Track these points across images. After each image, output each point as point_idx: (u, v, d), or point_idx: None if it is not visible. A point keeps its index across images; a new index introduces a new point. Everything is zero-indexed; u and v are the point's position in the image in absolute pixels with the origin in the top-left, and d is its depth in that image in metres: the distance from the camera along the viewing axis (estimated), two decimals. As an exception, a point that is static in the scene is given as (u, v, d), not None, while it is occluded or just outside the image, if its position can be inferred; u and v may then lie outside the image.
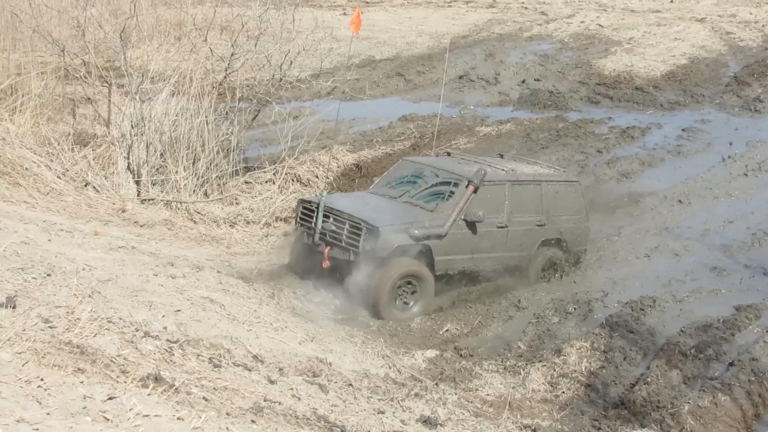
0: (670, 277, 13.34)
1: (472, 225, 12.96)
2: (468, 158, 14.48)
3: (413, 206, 13.11)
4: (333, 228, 12.47)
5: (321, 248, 12.58)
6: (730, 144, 18.36)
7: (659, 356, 11.09)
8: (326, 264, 12.47)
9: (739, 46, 24.23)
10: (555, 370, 11.04)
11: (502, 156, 15.41)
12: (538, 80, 23.03)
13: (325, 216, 12.61)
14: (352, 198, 14.09)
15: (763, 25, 25.77)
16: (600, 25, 27.21)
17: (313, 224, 12.74)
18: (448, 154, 15.39)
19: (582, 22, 27.78)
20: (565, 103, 21.40)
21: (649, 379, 10.47)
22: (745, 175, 16.82)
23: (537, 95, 21.98)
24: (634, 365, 11.04)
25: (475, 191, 12.99)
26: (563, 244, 14.31)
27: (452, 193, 13.16)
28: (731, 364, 10.72)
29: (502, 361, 11.37)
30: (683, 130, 19.18)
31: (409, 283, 12.40)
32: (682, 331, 11.64)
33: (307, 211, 13.03)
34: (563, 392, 10.64)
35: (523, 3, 31.28)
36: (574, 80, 22.91)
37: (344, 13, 30.01)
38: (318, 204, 12.72)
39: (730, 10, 27.57)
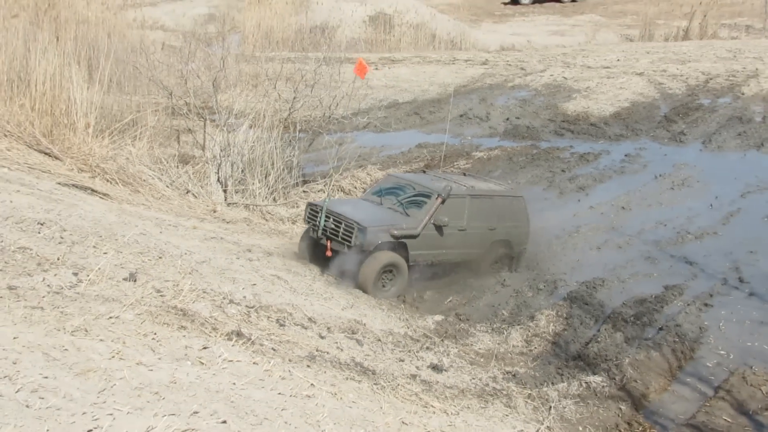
0: (615, 264, 13.29)
1: (439, 228, 12.88)
2: (439, 176, 14.32)
3: (395, 212, 13.02)
4: (333, 226, 12.38)
5: (323, 241, 12.50)
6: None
7: (607, 322, 11.08)
8: (329, 253, 12.41)
9: (668, 93, 24.04)
10: (529, 331, 11.05)
11: (465, 174, 15.30)
12: (518, 118, 22.91)
13: (326, 217, 12.50)
14: (348, 203, 13.97)
15: (686, 78, 25.57)
16: (564, 78, 27.05)
17: (317, 223, 12.64)
18: (424, 171, 15.40)
19: (551, 75, 27.61)
20: (538, 135, 21.31)
21: (599, 339, 10.47)
22: (672, 189, 16.71)
23: (517, 129, 21.89)
24: (588, 328, 11.03)
25: (442, 202, 12.95)
26: (509, 244, 14.12)
27: (425, 202, 13.07)
28: (660, 329, 10.70)
29: (490, 324, 11.37)
30: (626, 155, 19.03)
31: (390, 271, 12.29)
32: (624, 303, 11.63)
33: (312, 212, 12.91)
34: (535, 348, 10.64)
35: (507, 61, 31.12)
36: (545, 118, 22.78)
37: (376, 68, 29.97)
38: (321, 207, 12.64)
39: (662, 66, 27.32)
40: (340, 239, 12.31)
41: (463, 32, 39.03)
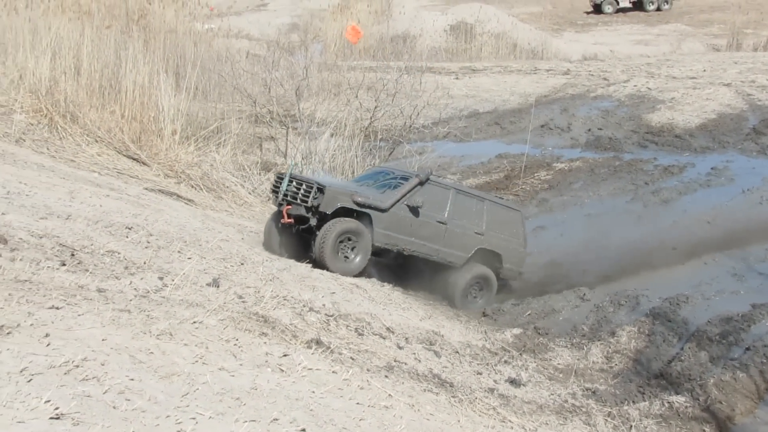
0: (700, 280, 12.91)
1: (414, 210, 11.96)
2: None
3: (367, 188, 12.25)
4: (293, 190, 11.44)
5: (282, 208, 11.53)
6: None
7: (691, 340, 10.76)
8: (284, 219, 11.39)
9: (757, 104, 23.38)
10: (610, 348, 10.82)
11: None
12: (600, 129, 22.59)
13: (289, 182, 11.57)
14: (321, 175, 13.26)
15: (776, 89, 24.92)
16: (648, 88, 26.56)
17: (281, 189, 11.66)
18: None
19: (635, 85, 27.15)
20: (621, 147, 20.97)
21: (682, 358, 10.17)
22: (760, 204, 16.22)
23: (599, 140, 21.57)
24: (671, 346, 10.73)
25: (420, 184, 12.08)
26: (499, 258, 13.17)
27: (401, 184, 12.20)
28: (747, 349, 10.34)
29: (570, 339, 11.19)
30: (712, 168, 18.56)
31: (349, 239, 11.26)
32: (709, 321, 11.26)
33: (278, 180, 12.01)
34: (616, 364, 10.42)
35: (590, 71, 30.73)
36: (628, 129, 22.40)
37: (456, 78, 29.94)
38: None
39: (750, 77, 26.59)
40: (298, 201, 11.35)
41: (544, 41, 38.72)
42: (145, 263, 7.73)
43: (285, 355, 6.20)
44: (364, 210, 11.52)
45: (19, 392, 4.06)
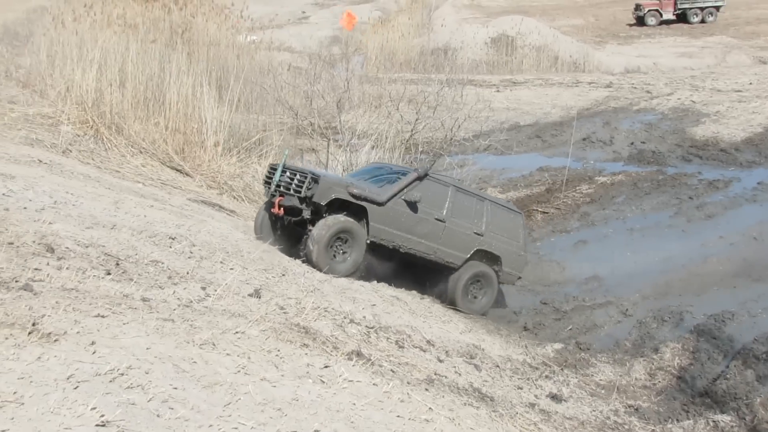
0: (746, 297, 12.66)
1: (412, 206, 11.53)
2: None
3: (364, 182, 11.83)
4: (287, 180, 11.05)
5: (274, 199, 11.18)
6: None
7: (737, 358, 10.58)
8: (275, 210, 11.04)
9: (806, 118, 23.05)
10: (653, 364, 10.71)
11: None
12: (643, 143, 22.37)
13: (283, 172, 11.21)
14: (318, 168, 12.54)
15: (826, 102, 24.51)
16: (693, 101, 26.27)
17: (273, 180, 11.31)
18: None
19: (678, 99, 26.87)
20: (665, 161, 20.74)
21: (728, 376, 10.00)
22: (808, 220, 15.97)
23: (642, 154, 21.38)
24: (716, 364, 10.56)
25: (418, 179, 11.71)
26: (498, 261, 12.78)
27: (400, 179, 11.83)
28: (795, 367, 10.19)
29: (612, 355, 11.10)
30: (758, 183, 18.27)
31: (344, 240, 10.84)
32: (755, 339, 11.05)
33: (271, 171, 11.61)
34: (659, 382, 10.30)
35: (632, 84, 30.46)
36: (671, 143, 22.16)
37: (497, 90, 29.88)
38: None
39: (799, 90, 26.25)
40: (291, 192, 10.97)
41: (586, 54, 38.48)
42: (188, 273, 7.80)
43: (326, 367, 6.21)
44: (359, 202, 11.10)
45: (66, 399, 4.12)
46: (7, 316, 4.93)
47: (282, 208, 11.04)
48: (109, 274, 6.79)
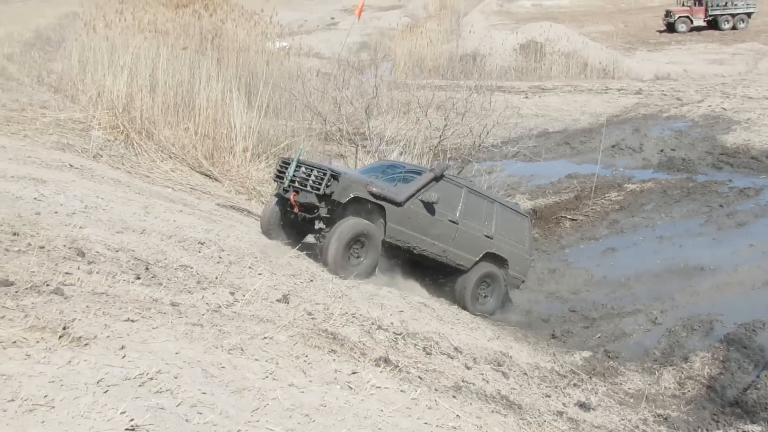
0: (778, 305, 12.58)
1: (429, 207, 11.22)
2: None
3: (380, 179, 11.41)
4: (303, 175, 10.58)
5: (289, 194, 10.72)
6: None
7: (767, 368, 10.49)
8: (295, 208, 10.68)
9: (838, 126, 22.82)
10: (683, 373, 10.59)
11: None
12: (673, 150, 22.23)
13: (297, 167, 10.74)
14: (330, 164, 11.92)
15: None
16: (723, 109, 26.07)
17: (286, 175, 10.82)
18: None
19: (709, 106, 26.67)
20: (695, 168, 20.59)
21: (759, 385, 9.87)
22: (840, 228, 15.78)
23: (672, 161, 21.24)
24: (746, 373, 10.43)
25: (435, 179, 11.38)
26: (505, 264, 12.63)
27: (413, 178, 11.54)
28: (828, 378, 10.04)
29: (641, 363, 11.00)
30: (790, 191, 18.17)
31: (361, 243, 10.44)
32: (787, 348, 10.98)
33: (283, 165, 11.15)
34: (689, 391, 10.19)
35: (662, 91, 30.30)
36: (702, 150, 22.00)
37: (526, 97, 29.79)
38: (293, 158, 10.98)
39: (832, 98, 26.02)
40: (308, 188, 10.52)
41: (616, 60, 38.30)
42: (216, 278, 7.84)
43: (354, 373, 6.20)
44: (378, 202, 10.75)
45: (96, 403, 4.14)
46: (38, 319, 4.97)
47: (298, 205, 10.66)
48: (138, 278, 6.83)
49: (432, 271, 12.31)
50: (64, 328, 4.94)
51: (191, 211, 11.10)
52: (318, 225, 10.76)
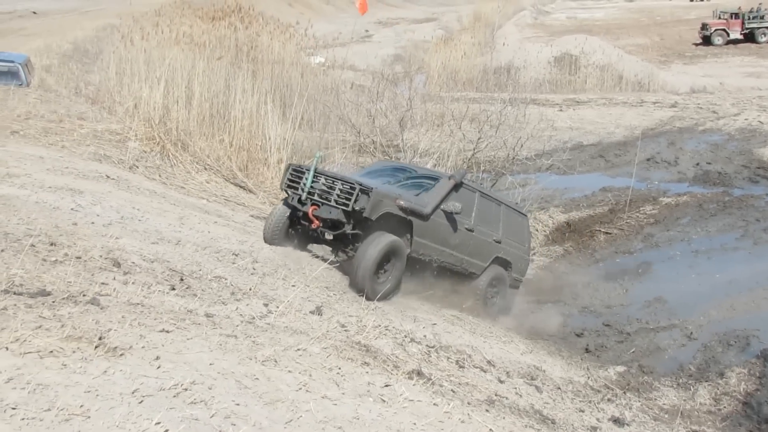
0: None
1: (450, 217, 10.61)
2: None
3: (397, 188, 10.62)
4: (324, 188, 9.78)
5: (306, 207, 9.88)
6: None
7: (805, 384, 10.33)
8: (315, 223, 9.81)
9: None
10: (718, 389, 10.45)
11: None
12: (709, 163, 21.99)
13: (315, 178, 9.94)
14: (339, 172, 11.13)
15: None
16: (760, 122, 25.75)
17: (302, 185, 9.97)
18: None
19: (746, 119, 26.37)
20: (731, 182, 20.35)
21: (796, 402, 9.76)
22: None
23: (708, 175, 21.01)
24: (784, 390, 10.31)
25: (455, 187, 10.74)
26: (508, 266, 12.22)
27: (431, 185, 10.76)
28: None
29: (676, 379, 10.86)
30: (828, 206, 17.90)
31: (387, 260, 9.69)
32: (827, 366, 10.79)
33: (296, 174, 10.25)
34: (725, 407, 10.04)
35: (698, 104, 30.02)
36: (738, 164, 21.74)
37: (560, 110, 29.64)
38: (307, 168, 10.14)
39: None
40: (332, 203, 9.69)
41: (651, 73, 38.00)
42: (250, 289, 7.86)
43: (387, 386, 6.19)
44: (407, 216, 10.04)
45: (131, 413, 4.16)
46: (74, 329, 5.00)
47: (318, 220, 9.88)
48: (173, 289, 6.87)
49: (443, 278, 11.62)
50: (100, 339, 4.97)
51: (226, 222, 11.16)
52: (328, 236, 10.06)
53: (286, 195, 10.40)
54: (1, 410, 3.89)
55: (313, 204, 9.85)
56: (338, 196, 9.63)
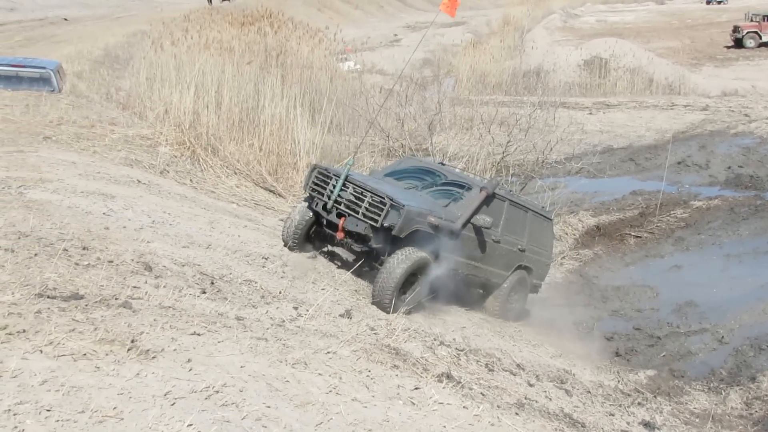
0: None
1: (479, 231, 10.08)
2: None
3: (425, 197, 10.09)
4: (352, 198, 9.25)
5: (332, 216, 9.42)
6: None
7: (840, 390, 10.19)
8: (340, 234, 9.32)
9: None
10: (750, 393, 10.35)
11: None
12: (741, 167, 21.74)
13: (344, 186, 9.40)
14: (366, 177, 10.45)
15: None
16: (793, 125, 25.50)
17: (328, 191, 9.48)
18: (442, 164, 12.19)
19: (778, 122, 26.12)
20: (763, 185, 20.11)
21: (830, 407, 9.64)
22: None
23: (740, 178, 20.78)
24: (817, 395, 10.19)
25: (486, 199, 10.19)
26: (530, 272, 11.74)
27: (461, 195, 10.24)
28: None
29: (707, 383, 10.78)
30: None
31: (416, 275, 9.19)
32: None
33: (322, 178, 9.70)
34: (756, 411, 9.94)
35: (730, 107, 29.68)
36: (770, 168, 21.53)
37: (590, 113, 29.47)
38: (335, 173, 9.61)
39: None
40: (361, 216, 9.13)
41: (682, 76, 37.66)
42: (280, 293, 7.90)
43: (416, 389, 6.19)
44: (436, 233, 9.44)
45: (163, 415, 4.20)
46: (107, 332, 5.06)
47: (345, 232, 9.41)
48: (204, 292, 6.93)
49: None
50: (132, 341, 5.03)
51: (255, 226, 11.22)
52: (356, 248, 9.61)
53: (309, 196, 9.99)
54: (36, 412, 3.94)
55: (340, 215, 9.39)
56: (367, 209, 9.11)
